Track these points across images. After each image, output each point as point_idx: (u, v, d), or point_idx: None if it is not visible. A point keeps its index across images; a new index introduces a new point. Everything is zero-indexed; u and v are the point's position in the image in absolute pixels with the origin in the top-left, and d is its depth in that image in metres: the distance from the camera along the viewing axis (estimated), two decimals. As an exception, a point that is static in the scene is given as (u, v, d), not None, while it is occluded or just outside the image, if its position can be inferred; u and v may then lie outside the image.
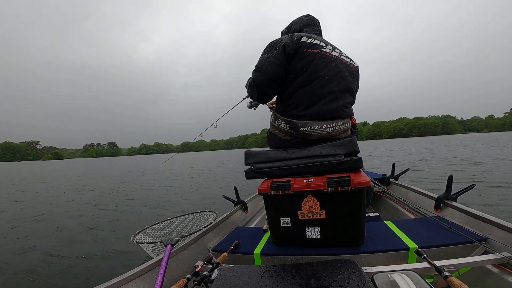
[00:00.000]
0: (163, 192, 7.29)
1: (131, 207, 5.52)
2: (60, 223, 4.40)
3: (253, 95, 1.47)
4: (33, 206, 6.18)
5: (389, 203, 2.45)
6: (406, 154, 15.13)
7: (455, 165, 8.69)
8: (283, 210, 1.28)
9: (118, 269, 2.47)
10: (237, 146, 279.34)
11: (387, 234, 1.35)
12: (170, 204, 5.58)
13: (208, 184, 8.45)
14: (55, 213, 5.26)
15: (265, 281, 0.88)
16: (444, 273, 0.92)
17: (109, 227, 4.04)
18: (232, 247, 1.37)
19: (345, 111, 1.32)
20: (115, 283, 1.01)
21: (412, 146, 26.04)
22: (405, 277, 0.84)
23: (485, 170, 6.91)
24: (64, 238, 3.55)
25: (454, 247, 1.18)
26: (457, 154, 12.88)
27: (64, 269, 2.51)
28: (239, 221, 2.08)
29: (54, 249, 3.12)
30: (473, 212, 1.38)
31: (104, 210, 5.28)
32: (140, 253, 2.65)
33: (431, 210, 1.69)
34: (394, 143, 41.07)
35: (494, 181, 5.35)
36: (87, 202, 6.42)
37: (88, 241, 3.36)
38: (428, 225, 1.42)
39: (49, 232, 3.90)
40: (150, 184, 9.20)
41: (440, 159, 10.98)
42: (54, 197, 7.36)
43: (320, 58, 1.29)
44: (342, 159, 1.20)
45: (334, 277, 0.84)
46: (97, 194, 7.74)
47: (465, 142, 25.91)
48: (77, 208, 5.62)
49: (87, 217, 4.73)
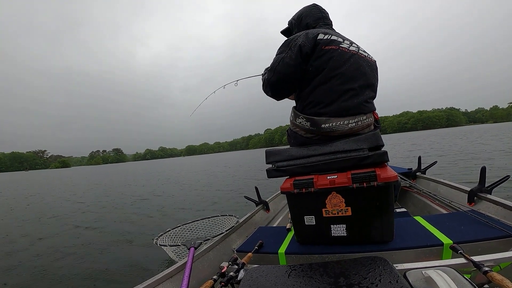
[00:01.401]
0: (178, 197, 7.38)
1: (150, 210, 5.70)
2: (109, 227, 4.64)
3: (267, 93, 1.47)
4: (89, 210, 6.43)
5: (417, 198, 2.37)
6: (427, 148, 14.58)
7: (477, 157, 8.26)
8: (307, 208, 1.27)
9: (138, 272, 2.56)
10: (241, 147, 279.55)
11: (418, 230, 1.30)
12: (188, 208, 5.68)
13: (222, 187, 8.51)
14: (105, 217, 5.51)
15: (293, 280, 0.87)
16: (484, 268, 0.88)
17: (132, 230, 4.21)
18: (256, 247, 1.37)
19: (367, 106, 1.30)
20: (147, 285, 1.03)
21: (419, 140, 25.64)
22: (441, 273, 0.81)
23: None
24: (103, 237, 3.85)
25: (492, 242, 1.13)
26: (476, 146, 12.44)
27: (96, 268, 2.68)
28: (261, 221, 2.08)
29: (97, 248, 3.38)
30: (510, 205, 1.31)
31: (129, 214, 5.48)
32: (160, 255, 2.74)
33: (464, 204, 1.62)
34: (401, 137, 40.66)
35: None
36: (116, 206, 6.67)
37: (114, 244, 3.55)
38: (462, 220, 1.36)
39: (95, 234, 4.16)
40: (166, 190, 9.36)
41: (458, 152, 10.56)
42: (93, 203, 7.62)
43: (339, 55, 1.27)
44: (366, 154, 1.18)
45: (364, 275, 0.82)
46: (119, 198, 7.99)
47: (477, 134, 25.29)
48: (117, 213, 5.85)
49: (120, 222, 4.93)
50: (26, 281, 2.52)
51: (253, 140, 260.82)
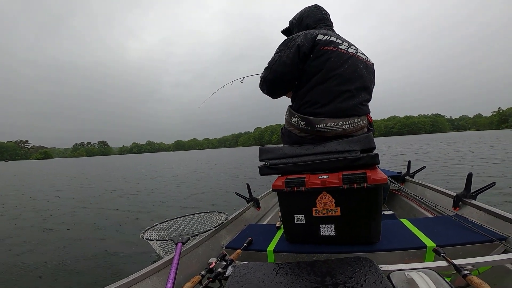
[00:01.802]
0: (166, 193, 7.22)
1: (138, 206, 5.54)
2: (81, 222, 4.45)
3: (263, 91, 1.48)
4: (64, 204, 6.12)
5: (405, 201, 2.41)
6: (411, 153, 14.96)
7: (463, 163, 8.43)
8: (297, 207, 1.27)
9: (122, 265, 2.52)
10: (230, 144, 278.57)
11: (404, 232, 1.33)
12: (176, 203, 5.57)
13: (211, 184, 8.40)
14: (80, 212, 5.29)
15: (280, 278, 0.88)
16: (464, 271, 0.91)
17: (114, 225, 4.09)
18: (246, 244, 1.37)
19: (362, 109, 1.32)
20: (133, 279, 1.01)
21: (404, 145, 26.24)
22: (423, 275, 0.83)
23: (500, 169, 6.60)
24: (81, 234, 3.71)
25: (473, 246, 1.16)
26: (457, 152, 12.77)
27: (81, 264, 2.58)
28: (251, 218, 2.08)
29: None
30: (493, 210, 1.35)
31: (109, 210, 5.29)
32: (146, 250, 2.66)
33: (449, 208, 1.66)
34: (387, 142, 41.55)
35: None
36: (83, 200, 6.40)
37: (96, 238, 3.46)
38: (446, 224, 1.40)
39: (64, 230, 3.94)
40: (149, 185, 9.12)
41: (445, 158, 10.68)
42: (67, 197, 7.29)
43: (337, 56, 1.28)
44: (358, 155, 1.19)
45: (350, 275, 0.84)
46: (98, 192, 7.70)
47: (460, 141, 26.08)
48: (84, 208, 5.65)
49: (96, 216, 4.76)
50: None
51: (242, 138, 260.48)
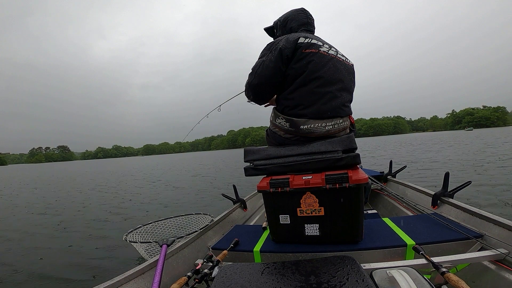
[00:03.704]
0: (148, 196, 7.07)
1: (121, 209, 5.43)
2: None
3: (249, 97, 1.49)
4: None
5: (387, 200, 2.47)
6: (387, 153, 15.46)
7: (440, 162, 8.66)
8: (282, 207, 1.29)
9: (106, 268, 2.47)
10: (202, 148, 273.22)
11: (385, 231, 1.36)
12: (161, 206, 5.49)
13: (197, 185, 8.31)
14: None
15: (265, 278, 0.90)
16: (442, 269, 0.93)
17: (100, 227, 4.06)
18: (232, 245, 1.38)
19: (344, 110, 1.35)
20: (117, 281, 1.00)
21: (372, 148, 27.38)
22: (403, 273, 0.85)
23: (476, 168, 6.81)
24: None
25: (451, 244, 1.19)
26: (431, 153, 13.07)
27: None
28: (238, 219, 2.08)
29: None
30: (470, 208, 1.39)
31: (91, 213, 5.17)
32: (130, 252, 2.61)
33: (428, 207, 1.71)
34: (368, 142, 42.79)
35: (488, 179, 5.33)
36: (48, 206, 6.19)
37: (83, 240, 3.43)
38: (425, 222, 1.43)
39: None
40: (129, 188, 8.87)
41: (423, 158, 10.89)
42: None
43: (318, 58, 1.31)
44: (340, 156, 1.22)
45: (333, 274, 0.86)
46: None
47: (420, 141, 27.17)
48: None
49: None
50: None
51: (215, 141, 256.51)
